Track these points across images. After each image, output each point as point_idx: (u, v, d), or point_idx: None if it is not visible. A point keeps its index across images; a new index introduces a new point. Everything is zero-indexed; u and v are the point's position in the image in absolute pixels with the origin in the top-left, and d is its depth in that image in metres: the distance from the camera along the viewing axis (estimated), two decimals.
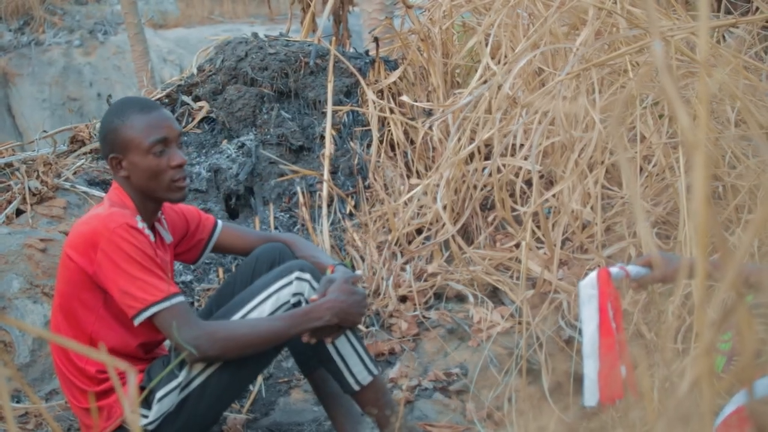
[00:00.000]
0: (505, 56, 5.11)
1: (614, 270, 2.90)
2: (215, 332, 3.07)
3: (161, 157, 3.22)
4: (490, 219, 4.92)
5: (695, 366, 1.22)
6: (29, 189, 4.78)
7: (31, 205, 4.74)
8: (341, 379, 3.39)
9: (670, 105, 3.94)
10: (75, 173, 5.13)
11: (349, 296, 3.25)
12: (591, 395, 2.88)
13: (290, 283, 3.28)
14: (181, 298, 3.07)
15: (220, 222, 3.74)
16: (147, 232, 3.17)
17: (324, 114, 5.50)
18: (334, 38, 5.82)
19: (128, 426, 3.20)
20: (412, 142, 5.50)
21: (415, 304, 4.57)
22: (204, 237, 3.67)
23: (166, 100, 5.86)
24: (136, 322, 3.05)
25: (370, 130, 5.48)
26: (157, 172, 3.22)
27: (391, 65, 5.86)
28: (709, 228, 1.20)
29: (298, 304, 3.28)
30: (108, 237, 3.04)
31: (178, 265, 4.83)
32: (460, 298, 4.63)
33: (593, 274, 2.91)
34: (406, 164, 5.44)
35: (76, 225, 3.19)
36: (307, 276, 3.31)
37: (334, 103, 5.50)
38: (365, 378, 3.38)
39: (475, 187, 4.87)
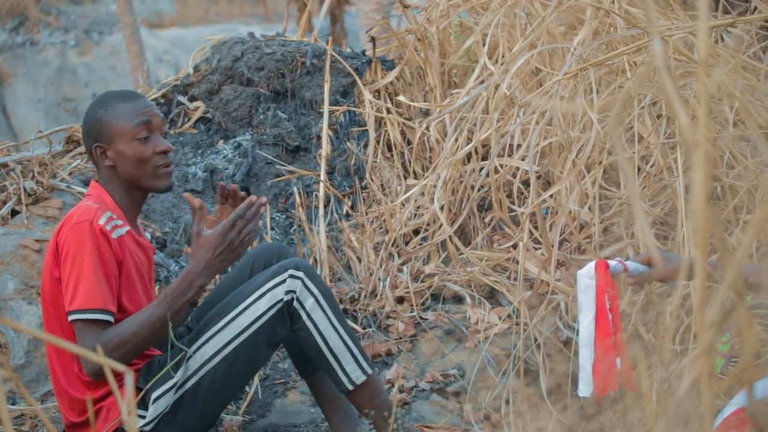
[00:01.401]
0: (503, 56, 5.11)
1: (612, 263, 2.91)
2: (106, 345, 3.03)
3: (146, 143, 3.29)
4: (487, 220, 4.91)
5: (695, 367, 1.21)
6: (24, 189, 4.76)
7: (27, 205, 4.72)
8: (335, 377, 3.39)
9: (669, 105, 3.93)
10: (71, 174, 5.11)
11: (210, 251, 3.14)
12: (586, 386, 2.89)
13: (284, 281, 3.29)
14: (101, 316, 3.05)
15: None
16: (112, 225, 3.16)
17: (320, 114, 5.50)
18: (330, 38, 5.81)
19: (126, 428, 3.20)
20: (409, 143, 5.49)
21: (412, 305, 4.56)
22: None
23: (162, 100, 5.85)
24: (69, 319, 3.07)
25: (366, 130, 5.47)
26: (143, 158, 3.27)
27: (388, 65, 5.85)
28: (709, 228, 1.18)
29: (291, 301, 3.28)
30: (69, 228, 3.09)
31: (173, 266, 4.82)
32: (458, 299, 4.63)
33: (591, 264, 2.91)
34: (403, 165, 5.43)
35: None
36: (300, 274, 3.31)
37: (331, 103, 5.50)
38: (359, 377, 3.38)
39: (472, 187, 4.86)
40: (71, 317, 3.04)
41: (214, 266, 3.12)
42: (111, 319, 3.08)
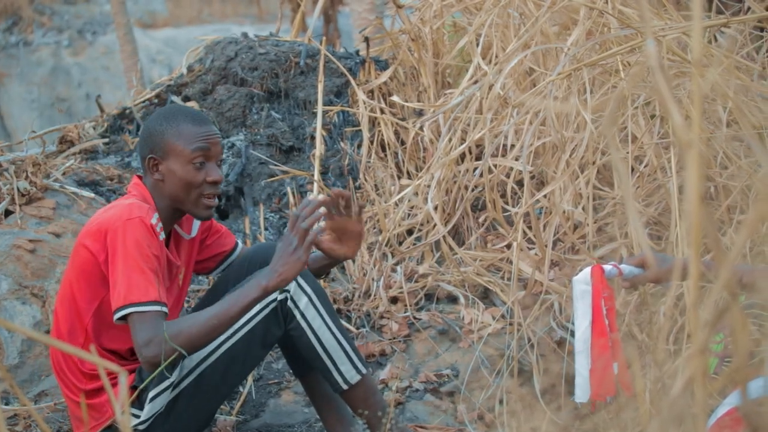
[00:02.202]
0: (496, 56, 5.11)
1: (607, 267, 2.90)
2: (166, 334, 3.03)
3: (199, 170, 3.28)
4: (481, 220, 4.91)
5: (689, 367, 1.21)
6: (18, 189, 4.76)
7: (20, 205, 4.72)
8: (329, 377, 3.39)
9: (663, 105, 3.94)
10: (64, 174, 5.11)
11: (278, 255, 3.13)
12: (582, 392, 2.88)
13: None
14: (157, 307, 3.05)
15: (240, 243, 3.79)
16: (159, 227, 3.21)
17: (314, 114, 5.49)
18: (324, 38, 5.80)
19: (119, 426, 3.21)
20: (402, 143, 5.49)
21: (405, 305, 4.55)
22: (226, 250, 3.72)
23: (156, 100, 5.85)
24: (115, 318, 3.06)
25: (360, 130, 5.47)
26: (192, 184, 3.27)
27: (382, 65, 5.85)
28: (703, 228, 1.18)
29: (284, 301, 3.29)
30: (119, 226, 3.08)
31: None
32: (451, 299, 4.62)
33: (587, 270, 2.90)
34: (397, 165, 5.43)
35: (96, 214, 3.26)
36: None
37: (325, 104, 5.49)
38: (353, 377, 3.38)
39: (466, 187, 4.86)
40: (127, 310, 3.03)
41: (277, 271, 3.09)
42: (166, 311, 3.08)
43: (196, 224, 3.55)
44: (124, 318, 3.05)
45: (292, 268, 3.09)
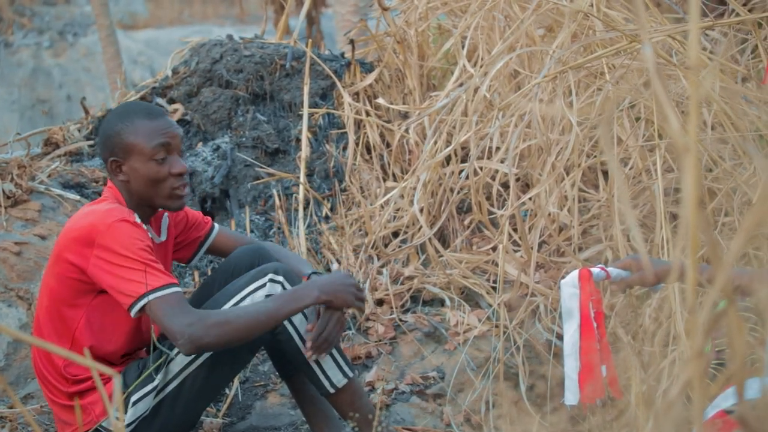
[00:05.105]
0: (482, 59, 5.11)
1: (595, 270, 2.91)
2: (207, 317, 3.03)
3: (162, 164, 3.26)
4: (466, 222, 4.92)
5: (686, 370, 1.22)
6: (3, 192, 4.74)
7: (5, 208, 4.70)
8: (316, 381, 3.39)
9: (658, 108, 3.96)
10: (49, 176, 5.09)
11: (338, 277, 3.26)
12: (571, 394, 2.89)
13: (264, 285, 3.28)
14: (176, 288, 3.06)
15: (216, 225, 3.77)
16: (145, 227, 3.20)
17: (300, 116, 5.49)
18: (309, 40, 5.80)
19: (106, 429, 3.21)
20: (388, 145, 5.49)
21: (391, 308, 4.56)
22: (200, 236, 3.71)
23: None
24: (133, 312, 3.03)
25: (346, 132, 5.46)
26: (158, 179, 3.26)
27: (367, 67, 5.85)
28: (700, 232, 1.19)
29: None
30: (105, 232, 3.05)
31: None
32: (437, 302, 4.63)
33: (574, 273, 2.92)
34: (383, 167, 5.43)
35: (73, 221, 3.21)
36: (280, 278, 3.31)
37: (310, 106, 5.49)
38: (340, 381, 3.38)
39: (451, 190, 4.87)
40: (146, 299, 3.01)
41: (334, 290, 3.23)
42: (180, 288, 3.07)
43: (164, 228, 3.54)
44: (142, 310, 3.03)
45: (341, 299, 3.27)
